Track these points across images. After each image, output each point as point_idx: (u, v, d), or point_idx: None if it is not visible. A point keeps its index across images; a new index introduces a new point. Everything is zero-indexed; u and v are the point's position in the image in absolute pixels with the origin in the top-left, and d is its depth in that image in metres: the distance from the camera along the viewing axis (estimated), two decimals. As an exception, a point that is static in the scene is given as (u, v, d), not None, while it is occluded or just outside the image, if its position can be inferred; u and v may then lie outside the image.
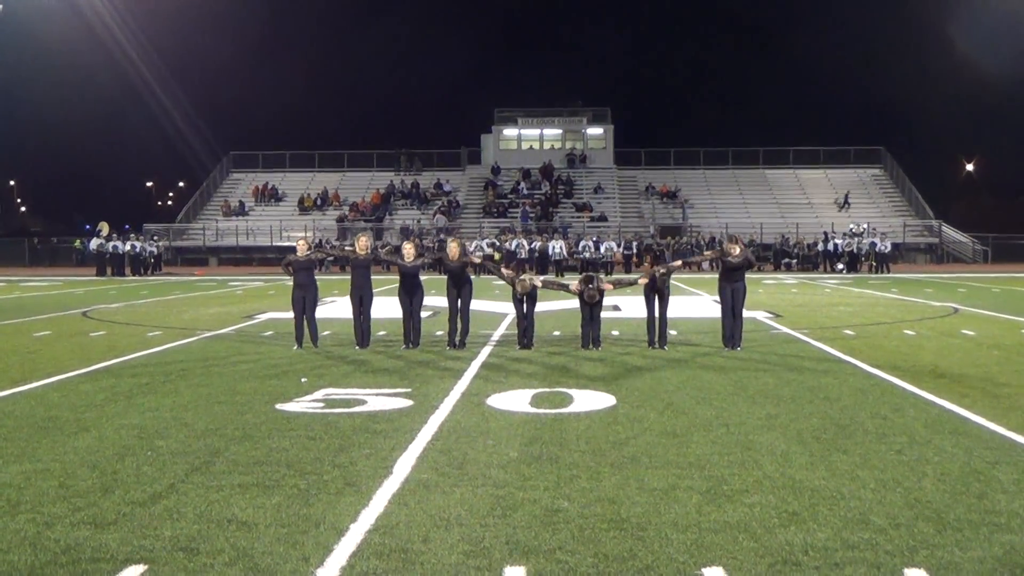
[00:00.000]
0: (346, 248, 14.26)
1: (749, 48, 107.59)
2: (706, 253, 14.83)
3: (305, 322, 13.08)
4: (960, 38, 67.31)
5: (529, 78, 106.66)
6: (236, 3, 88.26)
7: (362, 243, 13.53)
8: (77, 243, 48.85)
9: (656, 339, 12.94)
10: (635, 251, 43.71)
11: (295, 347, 12.98)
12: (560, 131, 61.86)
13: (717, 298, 13.51)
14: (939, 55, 76.81)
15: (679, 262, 15.62)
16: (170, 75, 73.47)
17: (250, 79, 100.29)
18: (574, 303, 14.29)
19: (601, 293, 12.81)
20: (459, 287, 13.05)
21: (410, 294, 13.10)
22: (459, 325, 13.05)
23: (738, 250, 12.97)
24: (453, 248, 13.26)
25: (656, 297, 12.93)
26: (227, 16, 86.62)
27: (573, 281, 13.45)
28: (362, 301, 13.20)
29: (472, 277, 13.81)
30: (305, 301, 13.02)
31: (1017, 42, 60.30)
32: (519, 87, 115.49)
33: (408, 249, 13.38)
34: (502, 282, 15.59)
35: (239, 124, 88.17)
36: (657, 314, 12.97)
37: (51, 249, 54.15)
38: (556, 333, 14.92)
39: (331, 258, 25.74)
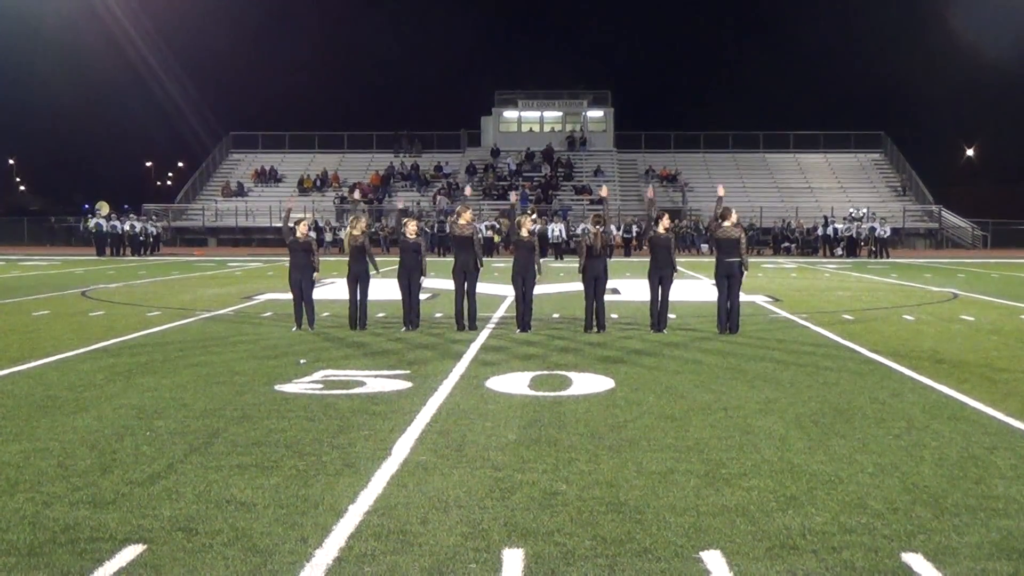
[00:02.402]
0: (339, 234, 14.18)
1: (750, 32, 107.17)
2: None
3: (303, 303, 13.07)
4: (961, 23, 67.09)
5: (530, 60, 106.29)
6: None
7: (357, 226, 13.50)
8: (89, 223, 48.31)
9: (657, 323, 12.92)
10: (634, 234, 43.68)
11: (294, 328, 12.98)
12: (560, 113, 61.68)
13: (715, 282, 13.44)
14: (940, 40, 76.59)
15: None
16: (170, 55, 73.19)
17: (250, 60, 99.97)
18: (574, 286, 14.28)
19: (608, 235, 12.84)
20: (467, 266, 13.00)
21: (409, 272, 13.04)
22: (466, 307, 13.07)
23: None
24: (465, 216, 13.22)
25: (660, 281, 12.87)
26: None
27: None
28: (359, 283, 13.18)
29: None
30: (302, 283, 13.01)
31: (1018, 27, 60.10)
32: (520, 69, 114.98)
33: (410, 225, 13.30)
34: (502, 264, 15.56)
35: (239, 105, 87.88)
36: (660, 296, 12.93)
37: (66, 229, 53.70)
38: (555, 316, 14.92)
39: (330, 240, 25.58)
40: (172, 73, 72.37)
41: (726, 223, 12.69)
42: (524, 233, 12.98)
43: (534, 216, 13.99)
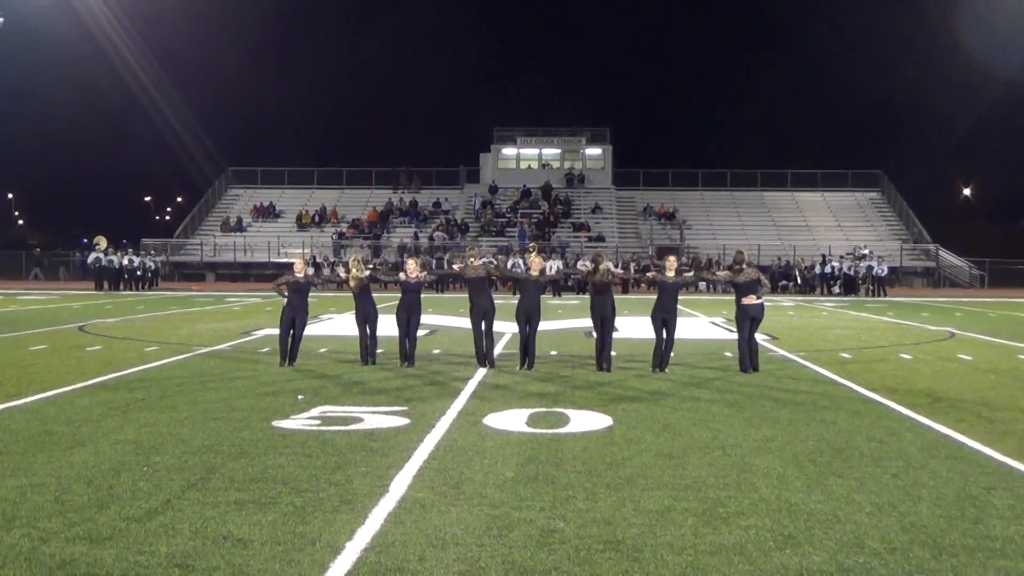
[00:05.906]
0: (338, 270, 14.31)
1: (748, 72, 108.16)
2: (719, 273, 14.72)
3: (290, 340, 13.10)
4: (959, 64, 67.70)
5: (528, 98, 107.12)
6: (238, 20, 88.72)
7: (354, 264, 13.62)
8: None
9: (659, 363, 12.82)
10: (632, 271, 43.75)
11: (280, 363, 12.94)
12: (559, 151, 62.04)
13: (717, 320, 13.46)
14: (938, 80, 77.25)
15: (691, 273, 15.36)
16: (170, 90, 73.71)
17: (250, 96, 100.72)
18: (572, 323, 14.27)
19: (610, 273, 12.80)
20: (484, 302, 13.01)
21: (409, 312, 13.09)
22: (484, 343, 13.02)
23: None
24: (473, 260, 13.25)
25: (664, 323, 12.82)
26: (229, 34, 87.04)
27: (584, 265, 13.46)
28: (367, 320, 13.29)
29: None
30: (295, 322, 13.09)
31: (1016, 68, 60.66)
32: (518, 107, 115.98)
33: (411, 265, 13.32)
34: (500, 301, 15.59)
35: (238, 140, 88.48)
36: (664, 337, 12.85)
37: (66, 263, 53.52)
38: (553, 353, 14.92)
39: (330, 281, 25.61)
40: (172, 108, 72.86)
41: (748, 268, 12.82)
42: (535, 273, 12.98)
43: (541, 254, 13.94)
